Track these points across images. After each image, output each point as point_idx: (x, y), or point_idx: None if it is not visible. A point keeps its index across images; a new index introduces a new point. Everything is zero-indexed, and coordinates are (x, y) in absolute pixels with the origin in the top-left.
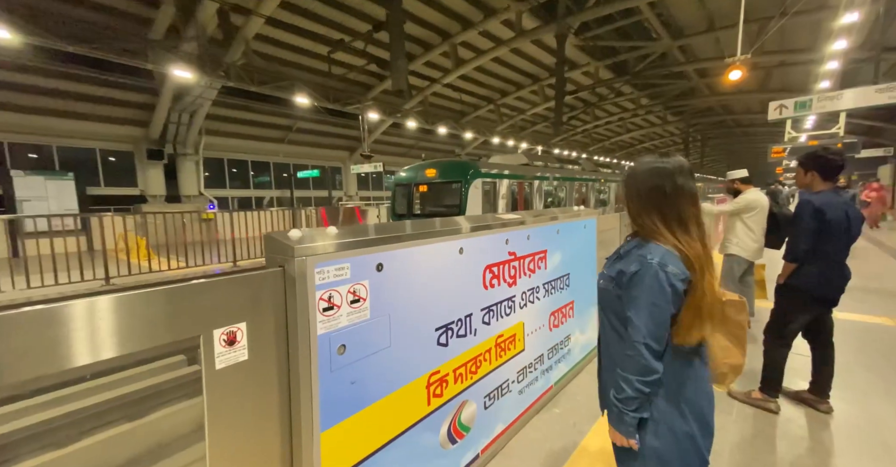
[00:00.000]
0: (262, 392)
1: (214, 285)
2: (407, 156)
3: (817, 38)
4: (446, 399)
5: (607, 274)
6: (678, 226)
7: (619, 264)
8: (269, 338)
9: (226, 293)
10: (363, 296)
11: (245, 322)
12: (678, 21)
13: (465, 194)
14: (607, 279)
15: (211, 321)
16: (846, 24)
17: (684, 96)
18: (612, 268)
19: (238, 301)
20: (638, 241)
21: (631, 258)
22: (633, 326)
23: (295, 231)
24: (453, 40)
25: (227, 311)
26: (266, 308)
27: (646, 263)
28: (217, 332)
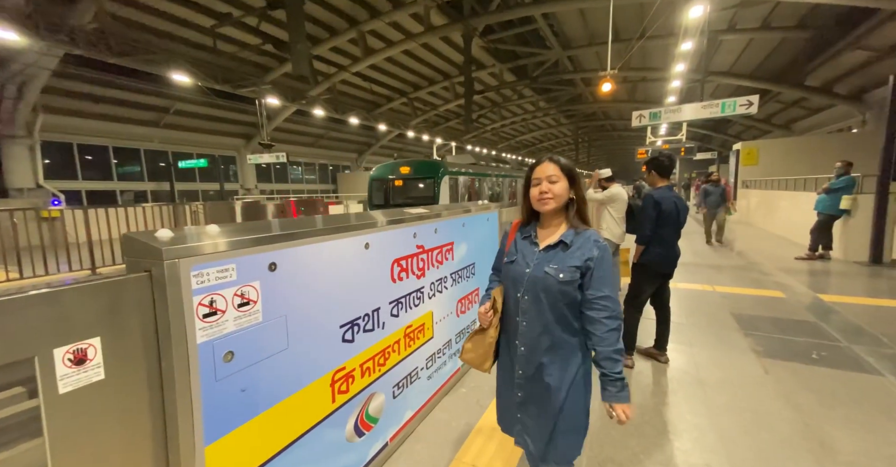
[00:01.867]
0: (126, 413)
1: (53, 297)
2: (315, 146)
3: (665, 60)
4: (353, 394)
5: (569, 265)
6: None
7: (576, 253)
8: (134, 353)
9: (70, 305)
10: (253, 298)
11: (99, 337)
12: (566, 33)
13: (438, 188)
14: (571, 270)
15: (49, 339)
16: (683, 51)
17: (573, 102)
18: (569, 258)
19: (88, 313)
20: (574, 230)
21: (586, 245)
22: (611, 301)
23: (164, 230)
24: (361, 28)
25: (72, 326)
26: (128, 319)
27: (601, 245)
28: (59, 351)
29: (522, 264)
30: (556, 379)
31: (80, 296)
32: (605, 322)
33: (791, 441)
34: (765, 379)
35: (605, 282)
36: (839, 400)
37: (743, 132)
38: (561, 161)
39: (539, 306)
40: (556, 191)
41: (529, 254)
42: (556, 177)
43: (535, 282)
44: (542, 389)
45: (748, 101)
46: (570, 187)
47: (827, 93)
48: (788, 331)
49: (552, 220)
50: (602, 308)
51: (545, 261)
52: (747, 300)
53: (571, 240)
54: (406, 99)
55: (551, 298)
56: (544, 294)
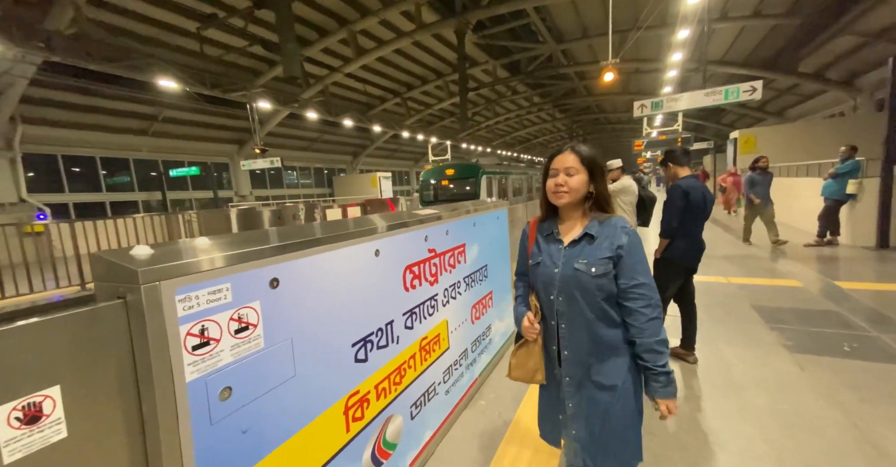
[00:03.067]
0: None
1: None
2: (310, 150)
3: (659, 51)
4: (368, 420)
5: (599, 257)
6: None
7: (604, 243)
8: (106, 400)
9: (16, 350)
10: (253, 321)
11: (59, 385)
12: (559, 27)
13: (479, 185)
14: (603, 262)
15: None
16: (680, 40)
17: (567, 96)
18: (598, 250)
19: (42, 357)
20: (599, 220)
21: (612, 233)
22: (649, 288)
23: (142, 247)
24: (352, 27)
25: (20, 376)
26: (98, 358)
27: (629, 231)
28: (1, 411)
29: (550, 264)
30: (607, 377)
31: (31, 337)
32: (643, 311)
33: (844, 446)
34: (801, 376)
35: (638, 269)
36: (882, 396)
37: (737, 121)
38: (582, 151)
39: (576, 305)
40: (573, 185)
41: (555, 253)
42: (574, 169)
43: (567, 281)
44: (594, 392)
45: (752, 87)
46: (589, 180)
47: (819, 78)
48: (813, 322)
49: (572, 214)
50: (638, 297)
51: (573, 257)
52: (765, 291)
53: (597, 231)
54: (400, 99)
55: (588, 296)
56: (579, 292)
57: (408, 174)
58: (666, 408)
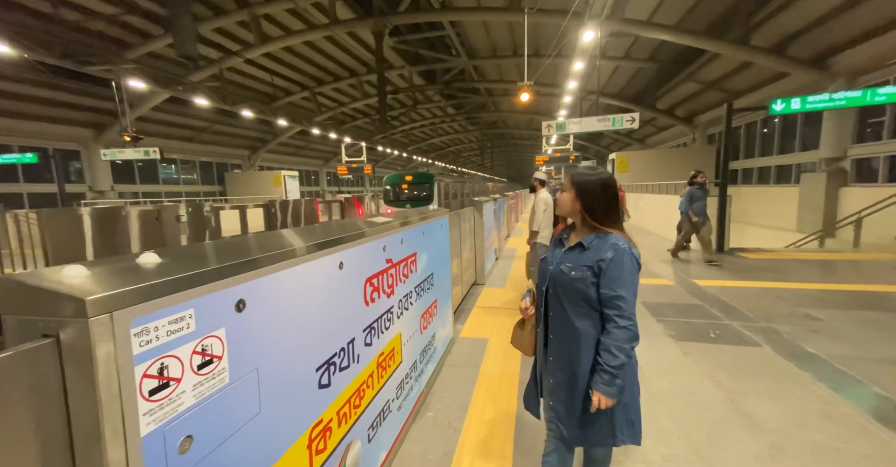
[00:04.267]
0: None
1: None
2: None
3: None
4: (330, 451)
5: (581, 264)
6: (618, 220)
7: (590, 254)
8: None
9: None
10: (217, 353)
11: None
12: (472, 44)
13: (432, 188)
14: (583, 269)
15: None
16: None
17: (478, 110)
18: (584, 258)
19: None
20: (595, 234)
21: (602, 247)
22: (625, 301)
23: (75, 267)
24: (255, 10)
25: None
26: (25, 422)
27: (619, 249)
28: None
29: (550, 262)
30: (583, 366)
31: None
32: (615, 319)
33: (726, 418)
34: (686, 361)
35: (618, 282)
36: (744, 373)
37: (612, 144)
38: (574, 175)
39: (559, 299)
40: (561, 200)
41: (557, 254)
42: (565, 187)
43: (554, 278)
44: (570, 375)
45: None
46: (576, 198)
47: (670, 114)
48: (686, 314)
49: (581, 225)
50: (614, 307)
51: (564, 260)
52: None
53: (590, 243)
54: (309, 93)
55: (568, 294)
56: (562, 289)
57: (317, 174)
58: (597, 401)
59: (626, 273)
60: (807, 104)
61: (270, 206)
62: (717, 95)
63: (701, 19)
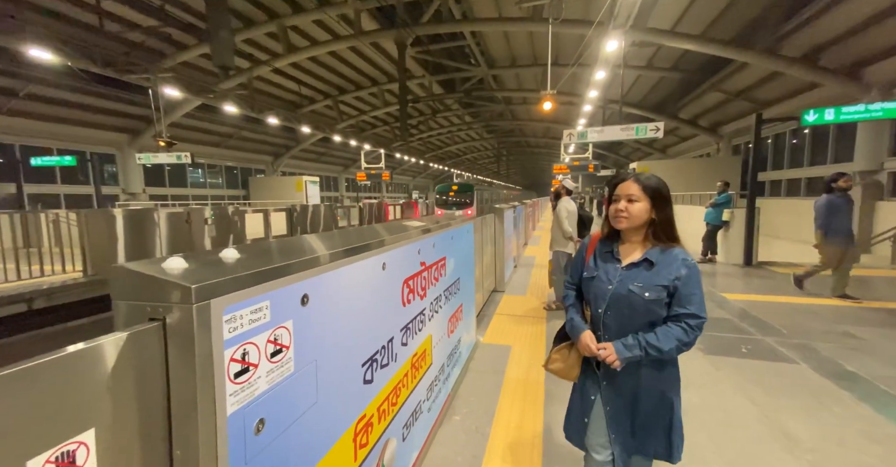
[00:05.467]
0: None
1: (22, 378)
2: (222, 146)
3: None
4: (371, 445)
5: (655, 284)
6: None
7: (662, 271)
8: (141, 444)
9: (50, 387)
10: (286, 343)
11: (93, 428)
12: (492, 53)
13: (472, 195)
14: (657, 289)
15: (19, 451)
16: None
17: (496, 118)
18: (655, 276)
19: (78, 395)
20: (660, 248)
21: (671, 263)
22: (694, 318)
23: (175, 259)
24: (283, 22)
25: (54, 421)
26: (132, 395)
27: (690, 264)
28: (34, 463)
29: (605, 280)
30: (641, 387)
31: (67, 371)
32: (678, 336)
33: (762, 435)
34: (718, 375)
35: (691, 299)
36: (780, 389)
37: (631, 153)
38: (645, 182)
39: (621, 321)
40: (633, 211)
41: (612, 271)
42: (636, 196)
43: (619, 300)
44: (629, 398)
45: (656, 126)
46: (651, 208)
47: (693, 124)
48: (715, 327)
49: (633, 237)
50: (683, 324)
51: (629, 278)
52: None
53: (657, 258)
54: (331, 101)
55: (637, 316)
56: (629, 310)
57: (336, 180)
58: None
59: (697, 288)
60: (841, 115)
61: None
62: (743, 105)
63: (727, 28)
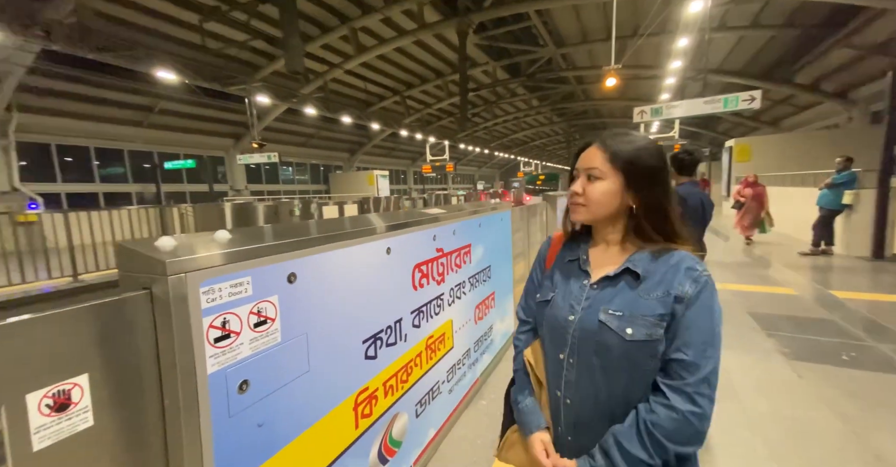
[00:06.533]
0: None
1: (23, 328)
2: (306, 146)
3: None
4: (376, 417)
5: (644, 313)
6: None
7: (659, 291)
8: (132, 391)
9: (49, 337)
10: (271, 315)
11: (87, 373)
12: (560, 31)
13: (557, 183)
14: (647, 322)
15: (19, 383)
16: (680, 48)
17: (566, 100)
18: (646, 300)
19: (73, 345)
20: (649, 252)
21: (671, 274)
22: (701, 372)
23: (166, 238)
24: (353, 24)
25: (52, 363)
26: (123, 348)
27: (701, 278)
28: (33, 397)
29: (564, 306)
30: None
31: (64, 324)
32: (676, 405)
33: (844, 453)
34: (800, 383)
35: (698, 335)
36: (883, 405)
37: (731, 129)
38: (615, 147)
39: (593, 376)
40: (592, 195)
41: (575, 290)
42: (599, 171)
43: (586, 338)
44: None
45: (751, 96)
46: (626, 189)
47: (814, 90)
48: (811, 330)
49: (608, 235)
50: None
51: (600, 301)
52: (760, 298)
53: (646, 268)
54: (399, 97)
55: (613, 366)
56: (599, 358)
57: (405, 173)
58: None
59: (715, 321)
60: None
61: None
62: (882, 62)
63: None
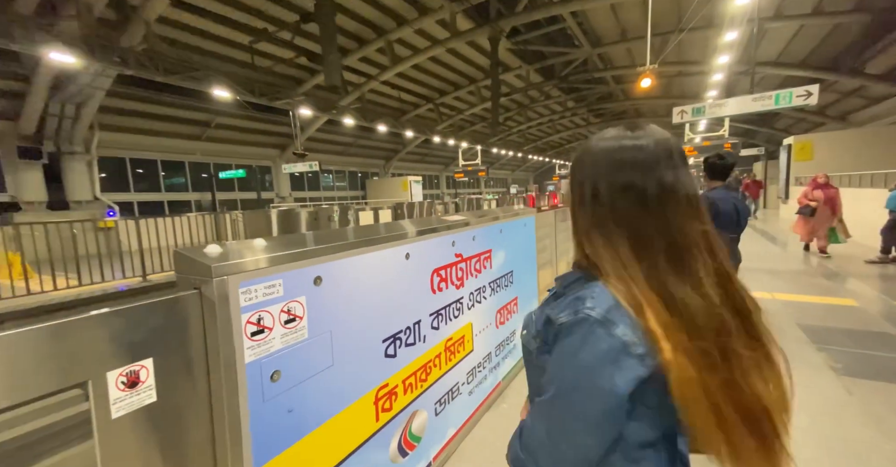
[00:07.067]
0: (177, 436)
1: (108, 319)
2: (345, 155)
3: (705, 53)
4: (396, 412)
5: (535, 325)
6: (667, 260)
7: (549, 309)
8: (185, 374)
9: (124, 327)
10: (299, 314)
11: (151, 358)
12: (596, 31)
13: None
14: (530, 335)
15: (102, 363)
16: (727, 42)
17: (603, 100)
18: (541, 315)
19: (141, 334)
20: (582, 275)
21: (565, 301)
22: (529, 428)
23: (213, 246)
24: (389, 37)
25: (125, 348)
26: (179, 339)
27: (574, 314)
28: (112, 375)
29: None
30: None
31: (134, 316)
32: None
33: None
34: (849, 400)
35: (546, 387)
36: None
37: (792, 125)
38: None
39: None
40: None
41: None
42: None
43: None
44: None
45: (806, 91)
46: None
47: (889, 81)
48: (868, 344)
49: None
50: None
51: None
52: (814, 309)
53: (565, 288)
54: (432, 104)
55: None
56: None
57: (438, 178)
58: None
59: (566, 371)
60: None
61: (397, 208)
62: None
63: None
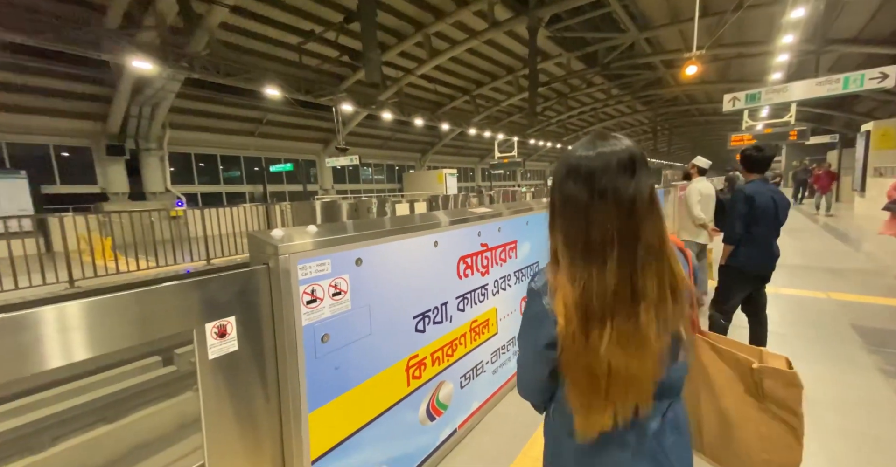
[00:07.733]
0: (252, 378)
1: (205, 283)
2: (383, 148)
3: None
4: (425, 380)
5: None
6: (582, 254)
7: None
8: (257, 330)
9: (215, 290)
10: (344, 289)
11: (234, 315)
12: (644, 13)
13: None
14: None
15: (203, 316)
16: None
17: (652, 86)
18: None
19: (227, 297)
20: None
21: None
22: None
23: (277, 230)
24: (427, 31)
25: (217, 307)
26: (253, 302)
27: (530, 285)
28: (209, 326)
29: None
30: None
31: (222, 283)
32: None
33: None
34: (893, 401)
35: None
36: None
37: (876, 109)
38: None
39: None
40: None
41: None
42: None
43: None
44: None
45: (881, 73)
46: None
47: None
48: None
49: None
50: None
51: None
52: (873, 310)
53: None
54: (468, 97)
55: None
56: None
57: (473, 171)
58: None
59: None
60: None
61: (433, 200)
62: None
63: None
